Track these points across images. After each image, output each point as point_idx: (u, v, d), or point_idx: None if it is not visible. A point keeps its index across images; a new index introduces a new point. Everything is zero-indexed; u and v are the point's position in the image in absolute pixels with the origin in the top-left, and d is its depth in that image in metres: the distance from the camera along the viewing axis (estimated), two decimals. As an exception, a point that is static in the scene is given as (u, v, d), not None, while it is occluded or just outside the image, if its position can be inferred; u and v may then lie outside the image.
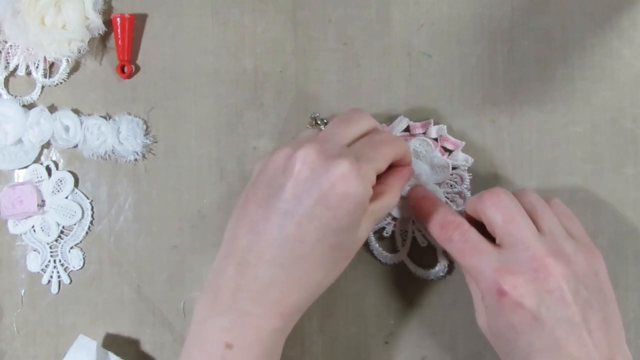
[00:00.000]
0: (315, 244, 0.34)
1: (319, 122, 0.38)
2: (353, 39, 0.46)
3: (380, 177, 0.37)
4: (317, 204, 0.33)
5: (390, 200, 0.38)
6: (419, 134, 0.45)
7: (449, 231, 0.38)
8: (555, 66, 0.46)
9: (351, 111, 0.39)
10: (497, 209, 0.37)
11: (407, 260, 0.45)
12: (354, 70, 0.46)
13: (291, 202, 0.33)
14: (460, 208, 0.44)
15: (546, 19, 0.46)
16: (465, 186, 0.45)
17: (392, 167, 0.39)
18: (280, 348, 0.36)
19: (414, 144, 0.45)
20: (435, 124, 0.45)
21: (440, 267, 0.45)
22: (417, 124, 0.45)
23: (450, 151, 0.45)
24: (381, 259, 0.45)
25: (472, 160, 0.45)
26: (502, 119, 0.46)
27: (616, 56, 0.46)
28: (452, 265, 0.45)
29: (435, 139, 0.45)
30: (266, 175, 0.35)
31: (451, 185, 0.45)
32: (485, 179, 0.46)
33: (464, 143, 0.45)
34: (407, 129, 0.45)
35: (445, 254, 0.45)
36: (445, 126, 0.45)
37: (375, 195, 0.36)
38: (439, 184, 0.45)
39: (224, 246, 0.36)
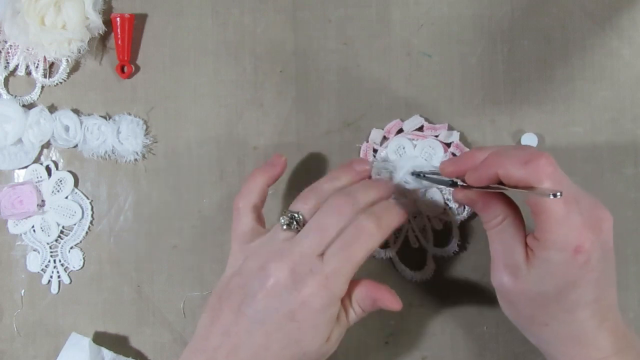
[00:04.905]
0: (280, 352, 0.36)
1: (293, 225, 0.38)
2: (353, 39, 0.46)
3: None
4: (285, 317, 0.35)
5: (359, 316, 0.39)
6: (431, 136, 0.45)
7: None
8: (555, 66, 0.46)
9: (330, 209, 0.37)
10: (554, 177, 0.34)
11: (395, 259, 0.45)
12: (354, 70, 0.46)
13: (261, 312, 0.36)
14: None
15: (546, 19, 0.46)
16: None
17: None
18: None
19: (424, 144, 0.45)
20: (449, 129, 0.45)
21: (429, 269, 0.45)
22: (432, 125, 0.45)
23: None
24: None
25: None
26: (502, 119, 0.46)
27: (616, 56, 0.46)
28: (438, 268, 0.45)
29: (448, 144, 0.45)
30: (240, 280, 0.37)
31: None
32: (485, 179, 0.46)
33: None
34: (421, 129, 0.45)
35: (434, 258, 0.45)
36: (458, 133, 0.45)
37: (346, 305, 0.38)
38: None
39: (196, 340, 0.38)
